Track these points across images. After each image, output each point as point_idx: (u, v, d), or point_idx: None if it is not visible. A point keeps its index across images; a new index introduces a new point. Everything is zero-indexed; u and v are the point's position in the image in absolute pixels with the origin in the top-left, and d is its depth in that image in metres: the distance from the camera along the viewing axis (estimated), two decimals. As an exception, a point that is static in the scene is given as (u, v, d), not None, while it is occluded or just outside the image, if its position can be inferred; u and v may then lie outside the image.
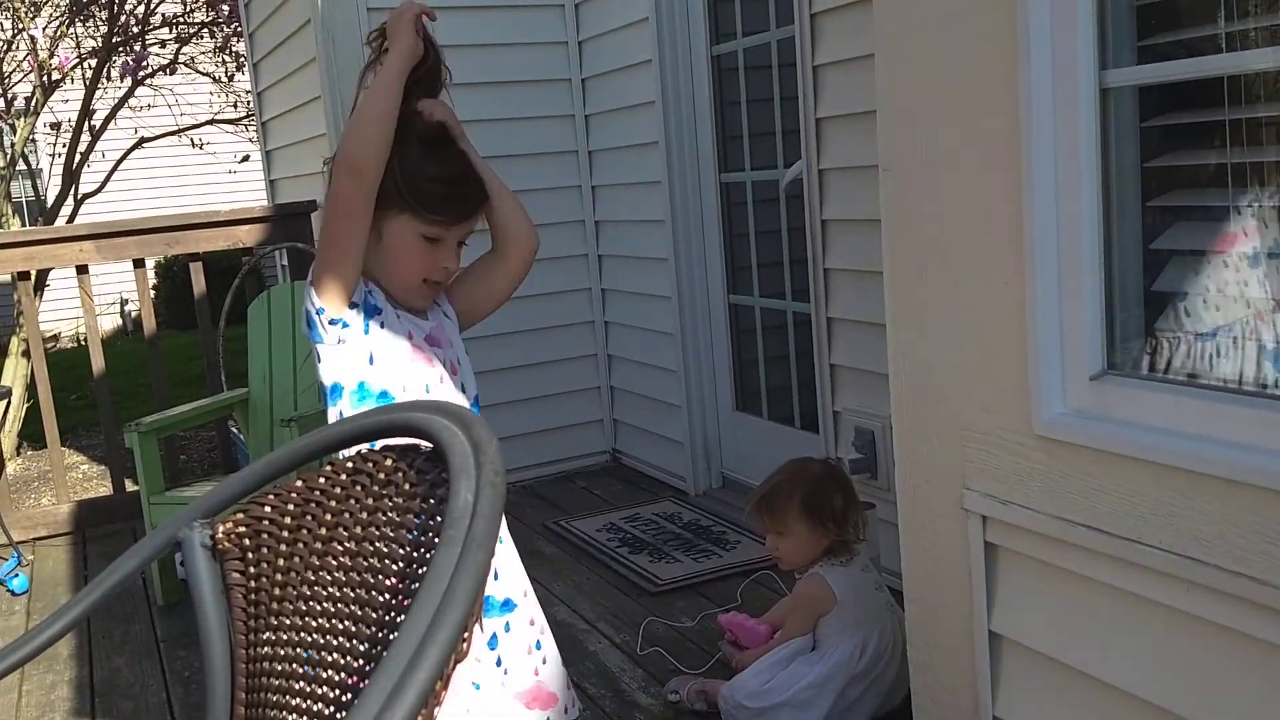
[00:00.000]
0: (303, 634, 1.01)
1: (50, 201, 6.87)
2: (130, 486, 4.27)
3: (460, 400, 1.73)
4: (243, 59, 6.90)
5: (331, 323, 1.62)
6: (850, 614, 2.35)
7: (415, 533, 0.95)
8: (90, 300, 4.24)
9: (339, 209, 1.58)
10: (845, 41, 2.86)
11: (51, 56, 6.09)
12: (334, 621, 0.98)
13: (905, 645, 1.90)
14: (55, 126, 7.07)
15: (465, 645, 0.80)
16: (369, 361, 1.64)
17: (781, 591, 2.97)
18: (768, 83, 3.45)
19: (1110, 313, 1.48)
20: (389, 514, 0.98)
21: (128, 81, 6.85)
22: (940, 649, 1.79)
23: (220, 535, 1.12)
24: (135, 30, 6.79)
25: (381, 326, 1.65)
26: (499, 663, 1.70)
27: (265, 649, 1.04)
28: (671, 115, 3.75)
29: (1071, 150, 1.46)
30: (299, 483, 1.09)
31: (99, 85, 6.68)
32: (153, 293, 4.58)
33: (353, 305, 1.63)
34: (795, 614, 2.45)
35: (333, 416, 1.66)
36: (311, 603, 1.01)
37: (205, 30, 7.20)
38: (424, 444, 0.99)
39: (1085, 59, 1.43)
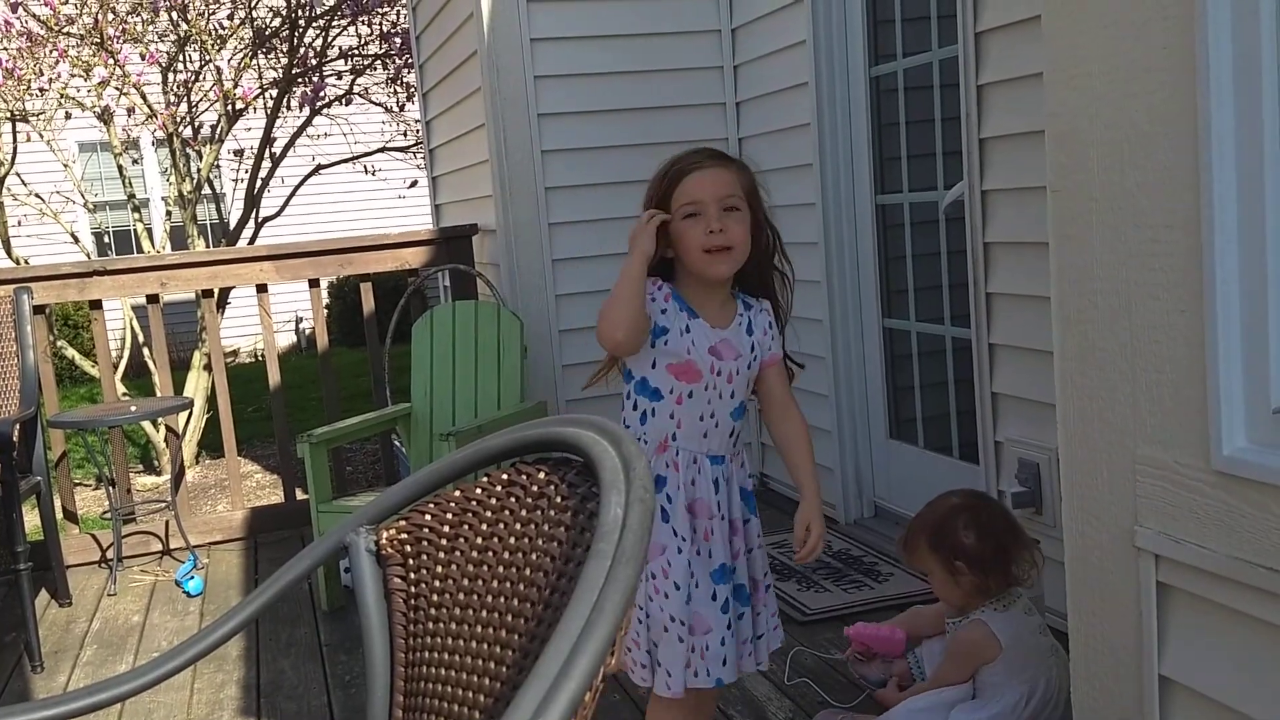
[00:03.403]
0: (459, 640, 1.03)
1: (233, 224, 7.28)
2: (300, 495, 4.47)
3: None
4: (413, 89, 7.19)
5: None
6: (1015, 661, 2.24)
7: (566, 544, 0.96)
8: (269, 317, 4.47)
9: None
10: (1011, 60, 2.79)
11: (235, 87, 6.43)
12: (488, 629, 1.01)
13: (1069, 689, 1.81)
14: (238, 153, 7.48)
15: (613, 658, 0.81)
16: None
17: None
18: (928, 103, 3.38)
19: (1298, 341, 1.39)
20: (541, 525, 1.00)
21: (306, 111, 7.20)
22: (1107, 692, 1.71)
23: (384, 541, 1.16)
24: (313, 62, 7.15)
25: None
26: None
27: (423, 654, 1.07)
28: (827, 137, 3.72)
29: (1255, 170, 1.38)
30: (457, 493, 1.12)
31: (279, 114, 7.05)
32: (325, 311, 4.79)
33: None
34: (954, 660, 2.34)
35: None
36: (468, 609, 1.04)
37: (379, 62, 7.52)
38: (575, 458, 1.01)
39: (1269, 64, 1.35)
